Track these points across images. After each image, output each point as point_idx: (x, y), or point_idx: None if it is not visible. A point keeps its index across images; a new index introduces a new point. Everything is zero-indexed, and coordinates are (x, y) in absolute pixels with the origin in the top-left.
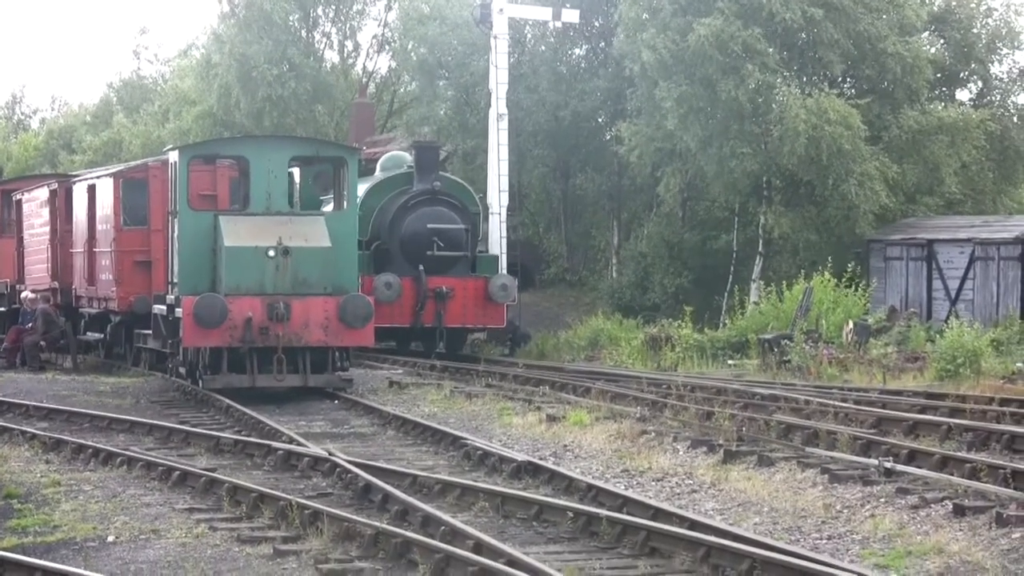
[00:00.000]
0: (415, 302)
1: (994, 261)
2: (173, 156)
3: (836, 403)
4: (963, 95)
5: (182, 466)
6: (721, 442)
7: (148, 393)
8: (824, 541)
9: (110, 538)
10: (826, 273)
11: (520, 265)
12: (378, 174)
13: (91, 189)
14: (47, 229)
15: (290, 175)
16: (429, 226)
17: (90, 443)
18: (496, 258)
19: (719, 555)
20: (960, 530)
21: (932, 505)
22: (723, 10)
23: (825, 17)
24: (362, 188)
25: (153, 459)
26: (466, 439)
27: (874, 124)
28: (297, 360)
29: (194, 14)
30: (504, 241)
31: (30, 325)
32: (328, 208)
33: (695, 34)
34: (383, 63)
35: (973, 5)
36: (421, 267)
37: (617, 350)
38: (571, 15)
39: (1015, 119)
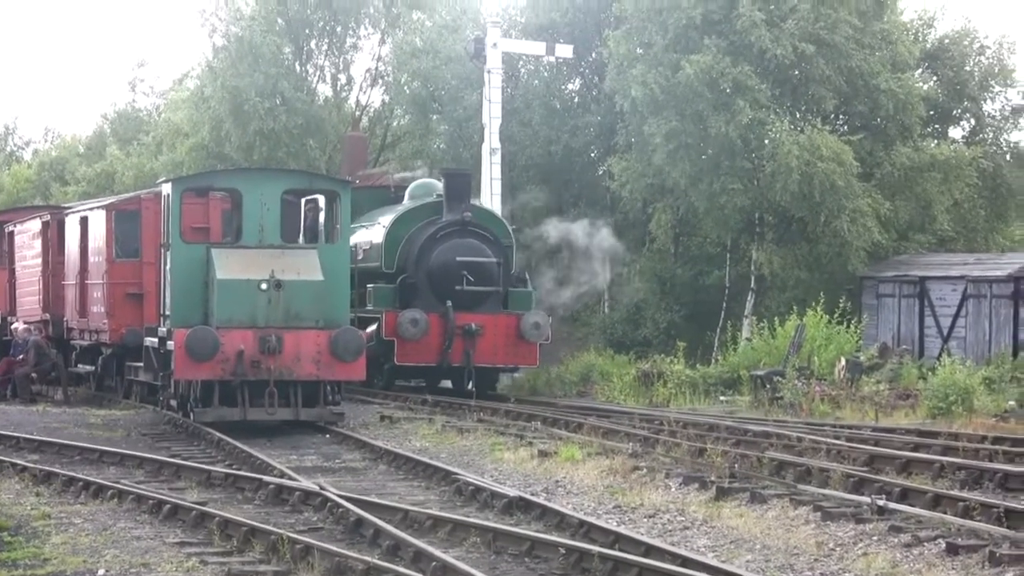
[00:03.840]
0: (442, 340)
1: (986, 299)
2: (166, 188)
3: (828, 440)
4: (956, 132)
5: (173, 499)
6: (713, 479)
7: (139, 426)
8: None
9: (100, 571)
10: (818, 309)
11: None
12: (406, 203)
13: (83, 221)
14: (39, 261)
15: (315, 202)
16: (459, 259)
17: (81, 476)
18: (530, 294)
19: None
20: (953, 569)
21: (925, 543)
22: (711, 47)
23: (817, 53)
24: (389, 217)
25: (144, 492)
26: (458, 474)
27: (866, 161)
28: (289, 393)
29: (191, 46)
30: None
31: (21, 357)
32: (353, 237)
33: (684, 72)
34: (376, 97)
35: (966, 43)
36: (449, 303)
37: (609, 386)
38: (564, 50)
39: (1007, 157)
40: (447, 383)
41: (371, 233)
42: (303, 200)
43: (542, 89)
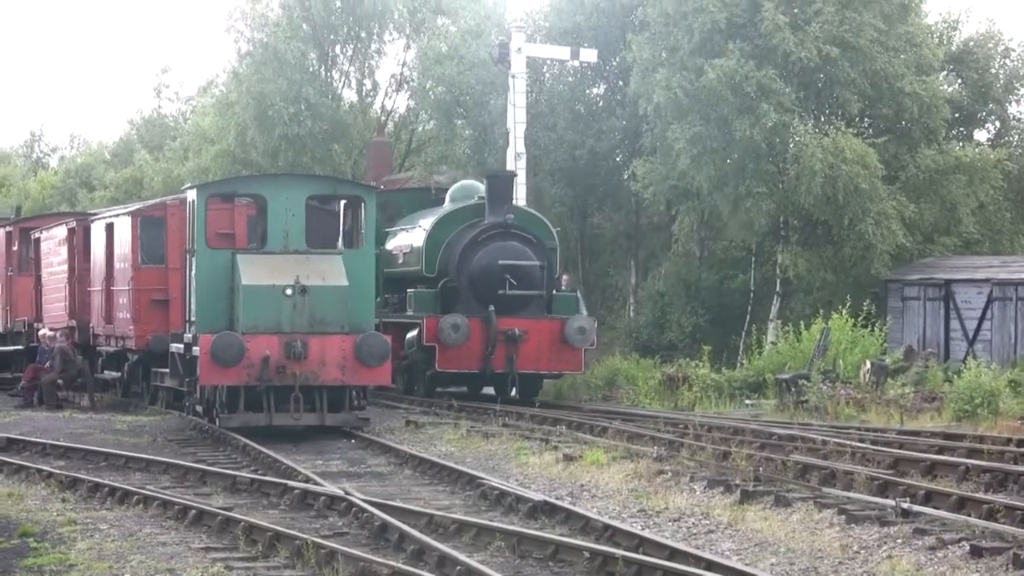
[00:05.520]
0: (484, 345)
1: (1012, 301)
2: (191, 194)
3: (853, 443)
4: (981, 135)
5: (198, 505)
6: (738, 482)
7: (165, 432)
8: None
9: None
10: (843, 313)
11: None
12: (447, 205)
13: (109, 227)
14: (65, 267)
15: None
16: (501, 262)
17: (106, 482)
18: (575, 298)
19: None
20: (977, 571)
21: (949, 546)
22: (735, 51)
23: (841, 56)
24: (429, 220)
25: (169, 498)
26: (483, 479)
27: (891, 163)
28: (314, 399)
29: (216, 52)
30: None
31: (48, 363)
32: (393, 240)
33: (707, 76)
34: (401, 102)
35: (991, 45)
36: (491, 307)
37: (634, 389)
38: (589, 54)
39: None
40: (489, 390)
41: (411, 236)
42: (342, 203)
43: (567, 93)
